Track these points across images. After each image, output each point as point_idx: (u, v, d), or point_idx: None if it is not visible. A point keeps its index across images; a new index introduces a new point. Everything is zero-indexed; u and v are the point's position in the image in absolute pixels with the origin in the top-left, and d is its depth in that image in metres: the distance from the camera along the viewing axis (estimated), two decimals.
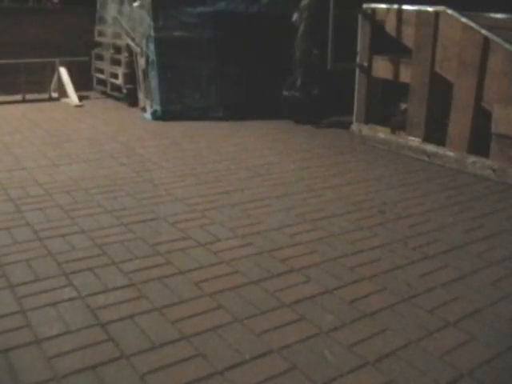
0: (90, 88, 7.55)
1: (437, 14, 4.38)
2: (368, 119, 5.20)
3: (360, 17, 5.07)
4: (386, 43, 4.96)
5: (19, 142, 4.87)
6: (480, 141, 4.22)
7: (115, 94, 7.05)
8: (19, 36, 7.20)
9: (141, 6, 6.00)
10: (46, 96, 7.04)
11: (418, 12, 4.57)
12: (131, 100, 6.59)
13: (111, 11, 6.92)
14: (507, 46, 3.88)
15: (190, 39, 5.96)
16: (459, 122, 4.31)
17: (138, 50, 6.17)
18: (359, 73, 5.20)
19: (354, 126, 5.28)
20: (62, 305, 2.23)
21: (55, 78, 7.00)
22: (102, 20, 7.36)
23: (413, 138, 4.70)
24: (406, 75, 4.77)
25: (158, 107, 5.98)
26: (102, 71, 7.32)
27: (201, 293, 2.37)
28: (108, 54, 7.10)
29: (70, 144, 4.83)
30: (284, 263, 2.65)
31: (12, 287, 2.36)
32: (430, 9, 4.45)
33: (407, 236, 3.02)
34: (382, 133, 5.02)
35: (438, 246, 2.90)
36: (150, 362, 1.89)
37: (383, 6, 4.93)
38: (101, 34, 7.43)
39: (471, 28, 4.11)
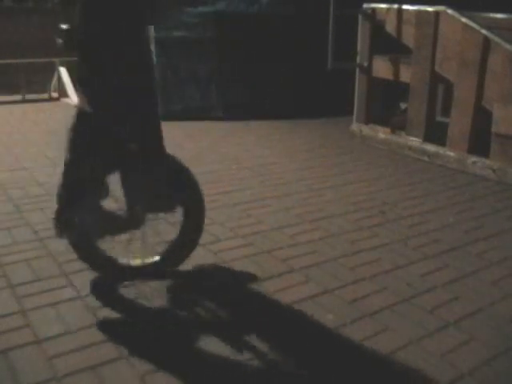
0: None
1: (437, 13, 4.38)
2: (368, 119, 5.20)
3: (360, 17, 5.07)
4: (386, 43, 4.96)
5: (19, 141, 4.87)
6: (480, 141, 4.22)
7: None
8: (19, 36, 7.20)
9: None
10: (46, 96, 7.04)
11: (418, 12, 4.57)
12: None
13: None
14: (507, 45, 3.88)
15: (190, 39, 5.97)
16: (459, 122, 4.31)
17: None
18: (359, 73, 5.20)
19: (355, 126, 5.28)
20: (62, 305, 2.23)
21: (55, 78, 7.00)
22: None
23: (413, 138, 4.70)
24: (406, 75, 4.77)
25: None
26: None
27: (201, 293, 2.37)
28: None
29: None
30: (284, 263, 2.65)
31: (12, 287, 2.36)
32: (430, 9, 4.45)
33: (407, 236, 3.02)
34: (383, 133, 5.02)
35: (439, 246, 2.90)
36: (150, 362, 1.89)
37: (383, 5, 4.93)
38: None
39: (471, 28, 4.10)
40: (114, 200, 2.42)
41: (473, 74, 4.12)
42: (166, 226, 3.07)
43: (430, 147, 4.54)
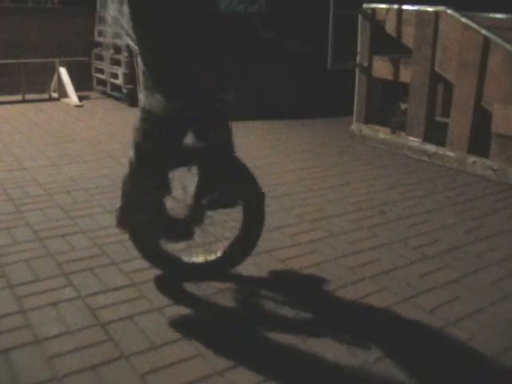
0: (89, 88, 7.55)
1: (437, 14, 4.38)
2: (368, 119, 5.20)
3: (360, 17, 5.07)
4: (386, 43, 4.96)
5: (19, 141, 4.87)
6: (480, 141, 4.22)
7: (115, 94, 7.05)
8: (19, 36, 7.19)
9: None
10: (45, 96, 7.04)
11: (418, 12, 4.57)
12: (131, 100, 6.59)
13: (111, 11, 6.92)
14: (507, 46, 3.88)
15: None
16: (459, 122, 4.31)
17: (137, 50, 6.17)
18: (359, 73, 5.20)
19: (354, 126, 5.28)
20: (61, 305, 2.23)
21: (55, 78, 7.00)
22: (102, 20, 7.36)
23: (413, 138, 4.70)
24: (406, 75, 4.77)
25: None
26: (101, 71, 7.32)
27: (201, 293, 2.37)
28: (108, 54, 7.10)
29: (70, 144, 4.83)
30: (284, 263, 2.65)
31: (12, 287, 2.36)
32: (430, 9, 4.45)
33: (407, 236, 3.02)
34: (382, 133, 5.02)
35: (438, 246, 2.90)
36: (149, 362, 1.89)
37: (383, 6, 4.93)
38: (101, 34, 7.43)
39: (471, 28, 4.11)
40: (174, 199, 2.42)
41: (472, 74, 4.13)
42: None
43: (430, 147, 4.54)
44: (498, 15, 4.42)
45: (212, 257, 2.49)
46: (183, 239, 2.45)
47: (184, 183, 2.41)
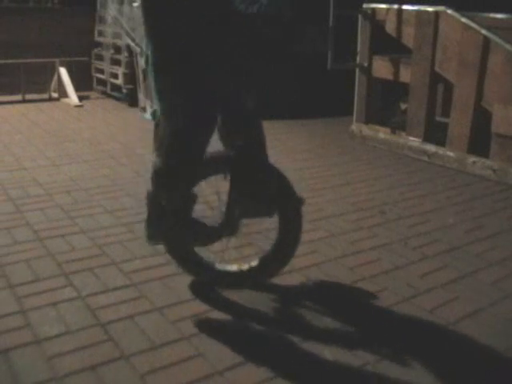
0: (89, 88, 7.55)
1: (437, 14, 4.38)
2: (368, 119, 5.20)
3: (360, 17, 5.07)
4: (386, 43, 4.96)
5: (19, 141, 4.87)
6: (480, 141, 4.22)
7: (115, 94, 7.04)
8: (19, 36, 7.19)
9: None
10: (45, 96, 7.04)
11: (418, 12, 4.57)
12: (131, 100, 6.59)
13: (111, 11, 6.92)
14: (507, 46, 3.88)
15: None
16: (459, 122, 4.31)
17: (137, 50, 6.17)
18: (359, 73, 5.20)
19: (355, 126, 5.28)
20: (62, 305, 2.23)
21: (55, 78, 7.00)
22: (102, 20, 7.36)
23: (413, 138, 4.70)
24: (406, 75, 4.77)
25: (157, 107, 5.96)
26: (102, 71, 7.32)
27: (200, 293, 2.37)
28: (108, 54, 7.10)
29: (70, 144, 4.83)
30: None
31: (12, 287, 2.36)
32: (430, 9, 4.45)
33: (407, 236, 3.02)
34: (382, 133, 5.02)
35: (438, 246, 2.90)
36: (149, 362, 1.89)
37: (383, 6, 4.93)
38: (101, 34, 7.43)
39: (471, 28, 4.11)
40: (210, 207, 2.39)
41: (473, 74, 4.12)
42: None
43: (430, 147, 4.54)
44: (498, 15, 4.42)
45: (246, 266, 2.43)
46: (209, 243, 2.36)
47: (218, 190, 2.37)
